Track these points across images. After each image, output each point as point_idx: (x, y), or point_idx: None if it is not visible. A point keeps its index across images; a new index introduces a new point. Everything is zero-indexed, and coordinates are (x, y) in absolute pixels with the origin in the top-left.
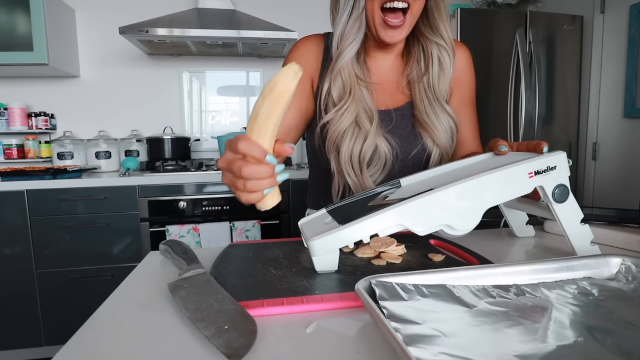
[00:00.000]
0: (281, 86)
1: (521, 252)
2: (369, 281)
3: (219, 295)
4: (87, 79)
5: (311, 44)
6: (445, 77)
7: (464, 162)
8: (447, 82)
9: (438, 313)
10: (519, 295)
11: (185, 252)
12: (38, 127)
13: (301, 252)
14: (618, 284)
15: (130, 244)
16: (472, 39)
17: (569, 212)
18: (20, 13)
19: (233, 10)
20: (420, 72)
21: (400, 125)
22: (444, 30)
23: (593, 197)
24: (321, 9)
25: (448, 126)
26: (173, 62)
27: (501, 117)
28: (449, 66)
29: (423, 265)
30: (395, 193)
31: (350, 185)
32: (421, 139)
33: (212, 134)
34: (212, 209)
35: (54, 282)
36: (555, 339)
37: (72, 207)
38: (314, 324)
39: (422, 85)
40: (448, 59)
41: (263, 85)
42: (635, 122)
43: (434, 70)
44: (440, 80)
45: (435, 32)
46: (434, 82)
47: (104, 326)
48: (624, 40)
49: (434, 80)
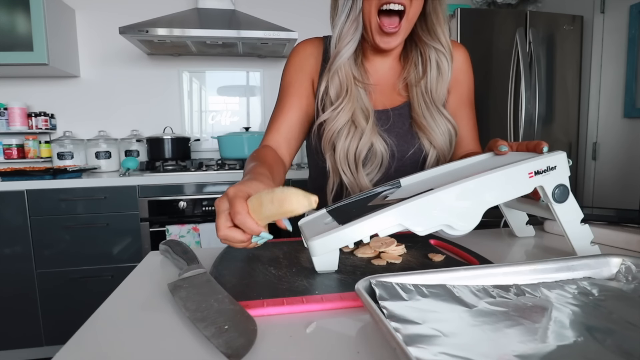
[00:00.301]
0: (291, 207)
1: (521, 252)
2: (369, 281)
3: (219, 295)
4: (87, 79)
5: (311, 46)
6: (443, 82)
7: (464, 162)
8: (445, 86)
9: (438, 313)
10: (519, 295)
11: (185, 252)
12: (38, 127)
13: (301, 252)
14: (618, 284)
15: (130, 244)
16: (472, 39)
17: (569, 212)
18: (20, 13)
19: (233, 10)
20: (417, 76)
21: (398, 124)
22: (442, 36)
23: (593, 197)
24: (321, 8)
25: (446, 129)
26: (173, 62)
27: (501, 117)
28: (447, 70)
29: (423, 265)
30: (395, 193)
31: (346, 184)
32: (418, 139)
33: (212, 134)
34: (212, 209)
35: (54, 282)
36: (555, 339)
37: (72, 207)
38: (314, 324)
39: (419, 89)
40: (446, 64)
41: (263, 85)
42: (635, 122)
43: (432, 74)
44: (439, 84)
45: (434, 37)
46: (431, 86)
47: (104, 326)
48: (624, 40)
49: (431, 84)
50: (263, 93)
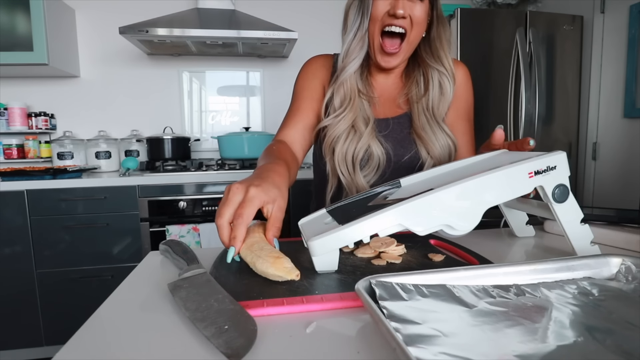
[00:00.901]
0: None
1: (521, 252)
2: (369, 281)
3: (219, 295)
4: (87, 79)
5: (322, 59)
6: (445, 100)
7: (464, 162)
8: (446, 104)
9: (438, 313)
10: (519, 295)
11: (185, 252)
12: (38, 127)
13: (301, 252)
14: (618, 284)
15: (130, 244)
16: (472, 39)
17: (569, 212)
18: (20, 13)
19: (233, 10)
20: (419, 93)
21: (396, 130)
22: (445, 59)
23: (593, 197)
24: (321, 8)
25: (445, 144)
26: (173, 62)
27: (501, 117)
28: (449, 91)
29: (423, 265)
30: (395, 193)
31: (344, 184)
32: (415, 146)
33: (212, 134)
34: (212, 209)
35: (54, 282)
36: (555, 339)
37: (72, 207)
38: (314, 324)
39: (421, 105)
40: (448, 84)
41: (263, 85)
42: (635, 122)
43: (434, 93)
44: (440, 102)
45: (437, 61)
46: (433, 104)
47: (104, 326)
48: (624, 40)
49: (433, 102)
50: (263, 93)
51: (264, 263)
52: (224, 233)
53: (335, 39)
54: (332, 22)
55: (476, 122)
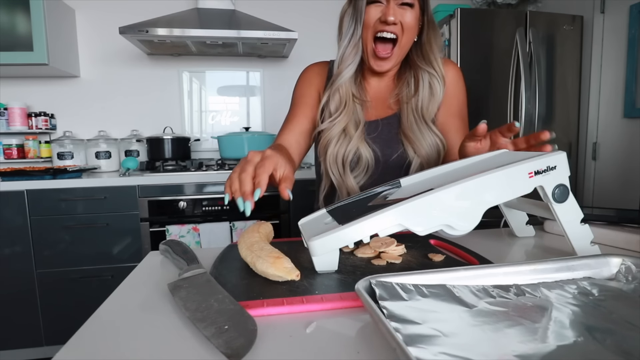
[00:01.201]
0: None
1: (521, 252)
2: (369, 281)
3: (219, 295)
4: (87, 79)
5: (318, 67)
6: (434, 101)
7: (464, 162)
8: (436, 105)
9: (438, 313)
10: (519, 295)
11: (185, 252)
12: (38, 127)
13: (301, 252)
14: (618, 284)
15: (130, 244)
16: (472, 39)
17: (569, 212)
18: (20, 13)
19: (233, 10)
20: (409, 94)
21: (384, 131)
22: (434, 62)
23: (593, 197)
24: (321, 8)
25: (433, 142)
26: (173, 62)
27: (501, 117)
28: (439, 92)
29: (423, 265)
30: (395, 193)
31: (335, 184)
32: (402, 146)
33: (212, 134)
34: (212, 209)
35: (54, 282)
36: (555, 339)
37: (72, 207)
38: (314, 324)
39: (410, 105)
40: (438, 86)
41: (263, 85)
42: (635, 122)
43: (424, 94)
44: (430, 103)
45: (427, 63)
46: (422, 104)
47: (104, 326)
48: (624, 40)
49: (423, 102)
50: (263, 93)
51: (264, 263)
52: (246, 184)
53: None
54: (332, 22)
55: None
